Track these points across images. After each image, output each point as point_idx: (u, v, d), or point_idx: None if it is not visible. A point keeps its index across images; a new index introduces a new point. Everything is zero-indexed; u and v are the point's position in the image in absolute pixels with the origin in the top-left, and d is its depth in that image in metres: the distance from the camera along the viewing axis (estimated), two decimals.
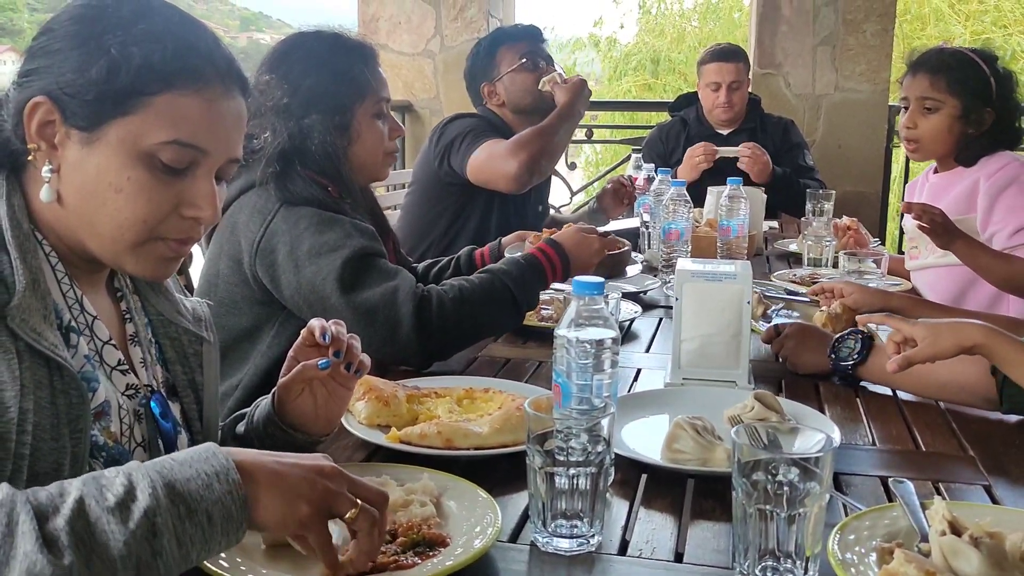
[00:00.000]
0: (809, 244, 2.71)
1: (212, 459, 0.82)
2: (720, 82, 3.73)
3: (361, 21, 4.91)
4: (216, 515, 0.79)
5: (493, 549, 0.99)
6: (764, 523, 0.92)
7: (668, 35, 13.71)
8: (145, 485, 0.77)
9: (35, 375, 0.93)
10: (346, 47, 1.82)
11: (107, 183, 0.98)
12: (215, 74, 1.01)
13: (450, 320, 1.62)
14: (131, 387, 1.09)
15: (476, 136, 2.62)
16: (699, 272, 1.59)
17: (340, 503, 0.87)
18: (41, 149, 0.99)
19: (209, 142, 1.01)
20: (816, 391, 1.58)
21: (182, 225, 1.03)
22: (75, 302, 1.04)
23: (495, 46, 2.84)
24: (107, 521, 0.74)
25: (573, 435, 0.99)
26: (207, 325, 1.22)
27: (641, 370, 1.71)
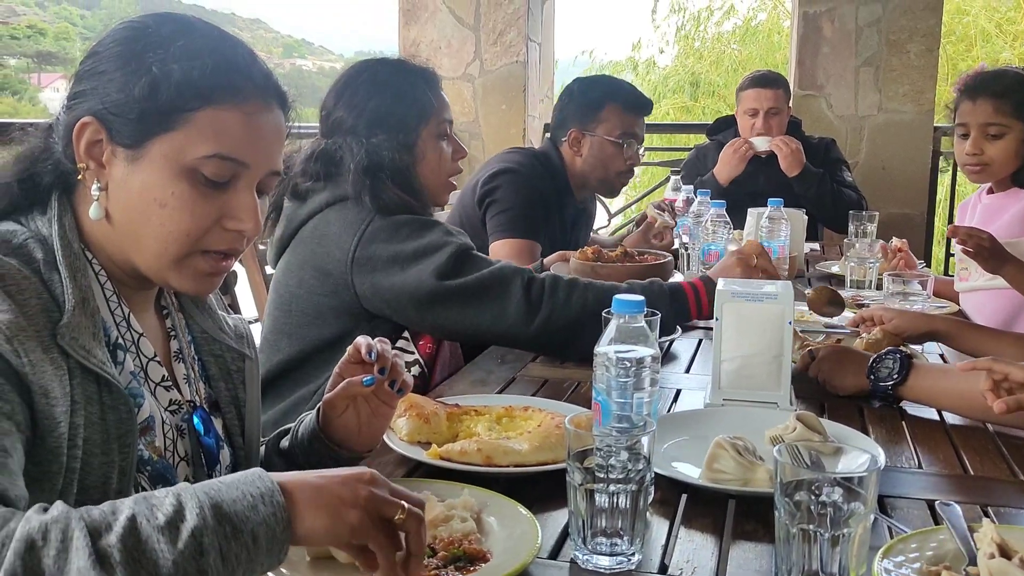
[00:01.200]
0: (852, 266, 2.68)
1: (257, 482, 0.82)
2: (758, 108, 3.71)
3: (402, 46, 4.99)
4: (261, 535, 0.80)
5: (533, 565, 0.99)
6: (807, 544, 0.91)
7: (707, 58, 13.71)
8: (193, 505, 0.78)
9: (86, 391, 0.95)
10: (408, 70, 1.90)
11: (152, 198, 1.00)
12: (253, 89, 1.04)
13: (560, 301, 1.68)
14: (174, 403, 1.11)
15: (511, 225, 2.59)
16: (740, 292, 1.58)
17: (387, 506, 0.86)
18: (90, 168, 1.02)
19: (250, 155, 1.03)
20: (859, 413, 1.56)
21: (224, 238, 1.05)
22: (123, 319, 1.07)
23: (606, 99, 2.72)
24: (157, 540, 0.75)
25: (613, 453, 0.99)
26: (249, 343, 1.24)
27: (681, 391, 1.70)
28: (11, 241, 0.98)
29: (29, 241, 0.99)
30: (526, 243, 2.58)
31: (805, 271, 3.06)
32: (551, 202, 2.71)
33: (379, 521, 0.86)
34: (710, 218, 2.45)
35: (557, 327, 1.73)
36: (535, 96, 4.98)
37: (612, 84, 2.82)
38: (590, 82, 2.82)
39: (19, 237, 0.99)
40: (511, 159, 2.75)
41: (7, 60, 43.51)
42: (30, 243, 0.99)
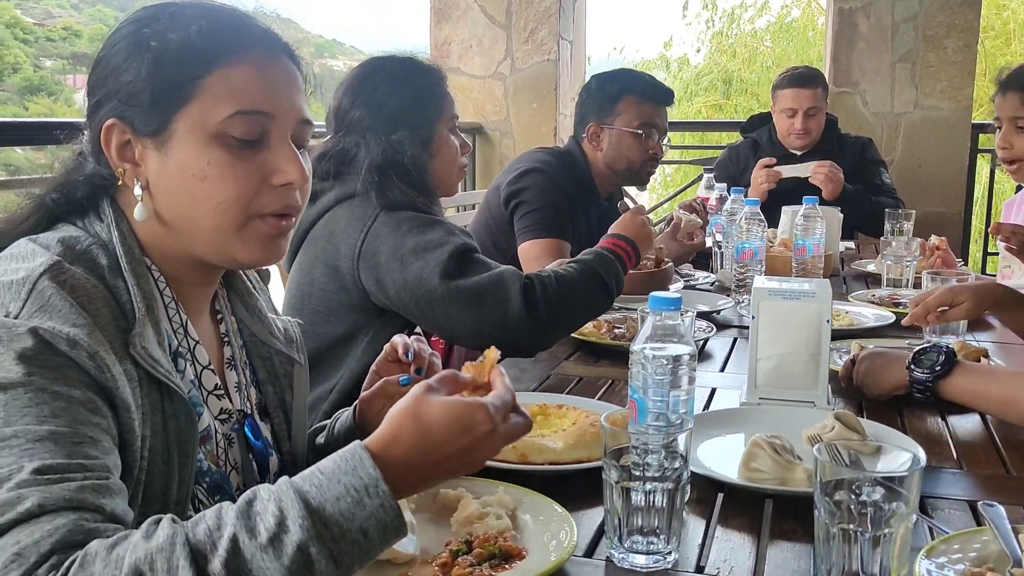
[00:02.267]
0: (888, 264, 2.64)
1: (360, 469, 0.80)
2: (796, 108, 3.65)
3: (433, 45, 5.00)
4: (371, 529, 0.79)
5: (568, 563, 0.99)
6: (848, 544, 0.90)
7: (740, 55, 13.60)
8: (295, 515, 0.76)
9: (151, 400, 0.94)
10: (423, 68, 1.92)
11: (190, 175, 0.99)
12: (254, 42, 1.02)
13: (554, 301, 1.69)
14: (224, 411, 1.10)
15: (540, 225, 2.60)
16: (776, 290, 1.56)
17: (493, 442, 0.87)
18: (127, 171, 1.01)
19: (271, 104, 1.01)
20: (898, 412, 1.54)
21: (276, 196, 1.02)
22: (180, 327, 1.05)
23: (623, 92, 2.72)
24: (262, 559, 0.75)
25: (650, 451, 0.98)
26: (298, 346, 1.22)
27: (716, 389, 1.69)
28: (75, 247, 0.97)
29: (92, 247, 0.98)
30: (555, 242, 2.58)
31: (840, 270, 3.03)
32: (576, 200, 2.71)
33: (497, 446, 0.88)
34: (744, 216, 2.42)
35: (557, 326, 1.75)
36: (566, 94, 4.96)
37: (628, 76, 2.81)
38: (607, 76, 2.82)
39: (83, 243, 0.98)
40: (536, 158, 2.75)
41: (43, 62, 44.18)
42: (93, 249, 0.98)
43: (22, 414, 0.81)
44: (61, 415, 0.83)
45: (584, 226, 2.75)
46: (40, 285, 0.89)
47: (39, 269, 0.90)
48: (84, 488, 0.79)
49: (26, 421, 0.81)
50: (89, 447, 0.83)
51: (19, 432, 0.80)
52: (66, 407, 0.84)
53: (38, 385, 0.83)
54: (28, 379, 0.83)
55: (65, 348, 0.85)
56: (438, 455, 0.83)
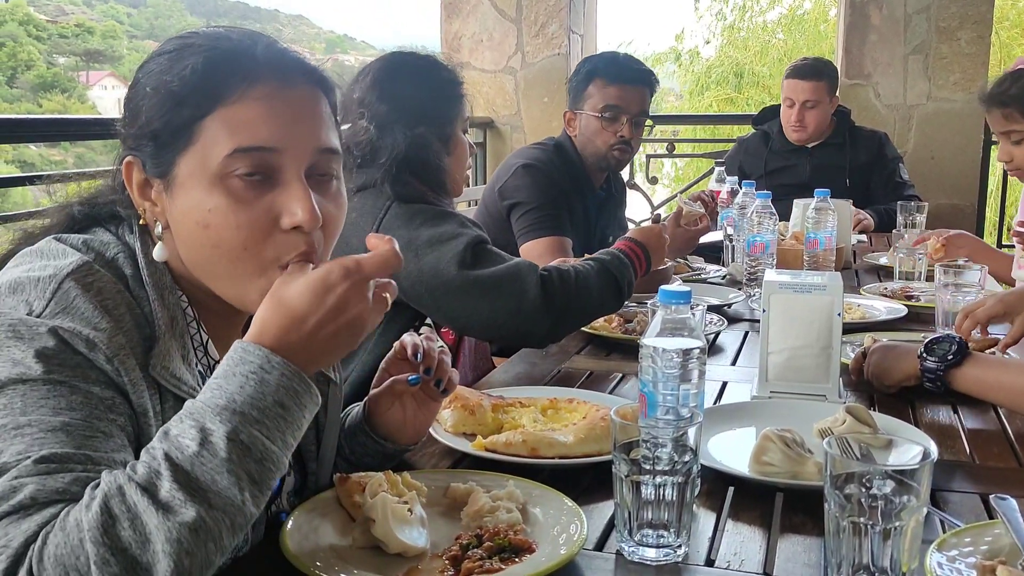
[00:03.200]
0: (901, 257, 2.63)
1: (248, 356, 0.84)
2: (794, 99, 3.64)
3: (444, 39, 5.00)
4: (285, 399, 0.83)
5: (579, 557, 0.99)
6: (858, 537, 0.90)
7: (752, 48, 13.55)
8: (211, 415, 0.80)
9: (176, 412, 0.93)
10: (444, 67, 1.93)
11: (194, 223, 0.95)
12: (259, 73, 0.95)
13: (571, 294, 1.70)
14: None
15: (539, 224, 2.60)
16: (787, 284, 1.56)
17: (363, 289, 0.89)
18: (147, 210, 0.99)
19: (275, 138, 0.94)
20: (910, 406, 1.54)
21: (288, 241, 0.95)
22: (200, 346, 1.04)
23: (591, 75, 2.72)
24: (200, 464, 0.78)
25: (659, 444, 0.98)
26: (336, 366, 1.18)
27: (727, 383, 1.69)
28: (104, 253, 0.96)
29: (120, 255, 0.97)
30: (556, 240, 2.59)
31: (852, 263, 3.02)
32: (571, 192, 2.71)
33: (367, 296, 0.89)
34: (755, 210, 2.41)
35: (569, 320, 1.76)
36: None
37: (598, 57, 2.82)
38: (583, 61, 2.83)
39: (111, 250, 0.97)
40: (528, 155, 2.76)
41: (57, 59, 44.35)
42: (120, 257, 0.97)
43: (39, 405, 0.83)
44: (78, 409, 0.84)
45: (581, 215, 2.75)
46: (66, 285, 0.89)
47: (67, 269, 0.91)
48: (79, 480, 0.80)
49: (42, 412, 0.82)
50: (100, 441, 0.84)
51: (33, 421, 0.82)
52: (83, 401, 0.85)
53: (57, 380, 0.84)
54: (47, 375, 0.84)
55: (83, 349, 0.86)
56: (310, 323, 0.86)
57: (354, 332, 0.89)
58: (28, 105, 30.21)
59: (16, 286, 0.90)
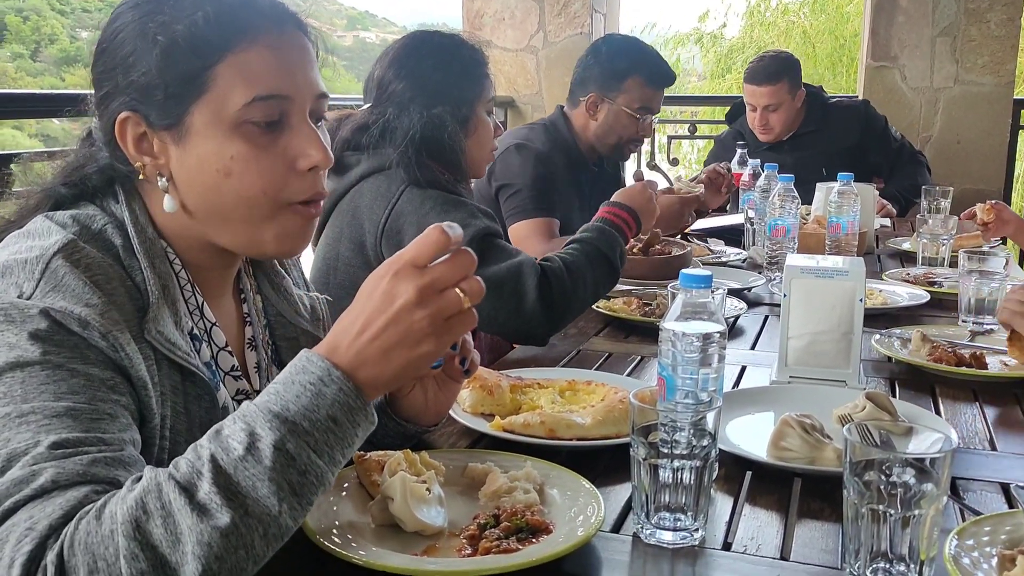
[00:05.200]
0: (924, 242, 2.61)
1: (310, 367, 0.83)
2: (755, 104, 3.58)
3: (466, 17, 4.97)
4: (339, 414, 0.82)
5: (596, 539, 0.99)
6: (877, 524, 0.89)
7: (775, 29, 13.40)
8: (262, 421, 0.79)
9: (171, 381, 0.95)
10: (468, 47, 1.91)
11: (214, 171, 0.97)
12: (264, 19, 0.98)
13: (568, 289, 1.70)
14: (241, 392, 1.10)
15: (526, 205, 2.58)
16: (809, 268, 1.55)
17: (447, 311, 0.85)
18: (147, 164, 0.99)
19: (287, 86, 0.98)
20: (932, 392, 1.53)
21: (304, 183, 1.00)
22: (196, 308, 1.05)
23: (630, 71, 2.71)
24: (244, 468, 0.77)
25: (678, 428, 0.98)
26: (325, 324, 1.21)
27: (746, 367, 1.68)
28: (91, 227, 0.97)
29: (108, 227, 0.98)
30: (543, 221, 2.58)
31: (875, 248, 2.99)
32: (562, 171, 2.69)
33: (448, 325, 0.86)
34: (777, 193, 2.39)
35: (568, 314, 1.76)
36: None
37: (639, 54, 2.79)
38: (618, 47, 2.79)
39: (98, 222, 0.98)
40: (518, 134, 2.75)
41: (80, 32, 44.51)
42: (108, 228, 0.97)
43: (40, 391, 0.82)
44: (80, 392, 0.84)
45: (575, 193, 2.74)
46: (54, 264, 0.89)
47: (53, 248, 0.91)
48: (97, 461, 0.80)
49: (44, 398, 0.82)
50: (107, 423, 0.84)
51: (37, 408, 0.81)
52: (85, 384, 0.85)
53: (55, 363, 0.84)
54: (44, 358, 0.84)
55: (77, 328, 0.86)
56: (360, 322, 0.85)
57: (411, 328, 0.84)
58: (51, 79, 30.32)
59: (4, 269, 0.90)
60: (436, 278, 0.85)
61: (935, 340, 1.69)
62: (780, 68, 3.56)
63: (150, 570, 0.74)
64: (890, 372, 1.64)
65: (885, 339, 1.74)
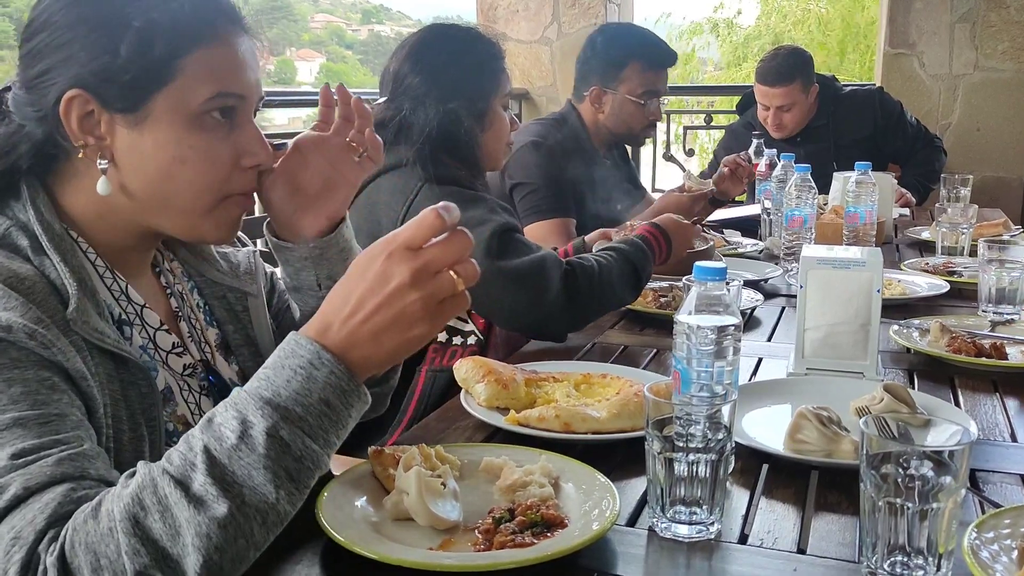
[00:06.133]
0: (943, 232, 2.58)
1: (299, 349, 0.83)
2: (768, 104, 3.55)
3: (480, 10, 4.96)
4: (331, 397, 0.82)
5: (611, 532, 0.99)
6: (894, 517, 0.89)
7: (791, 17, 13.29)
8: (254, 408, 0.79)
9: (105, 369, 0.95)
10: (485, 40, 1.91)
11: (169, 157, 0.98)
12: (227, 20, 1.03)
13: (593, 290, 1.70)
14: (188, 367, 1.10)
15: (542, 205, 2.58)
16: (825, 259, 1.54)
17: (441, 293, 0.84)
18: (89, 144, 0.98)
19: (243, 86, 1.03)
20: (950, 383, 1.51)
21: (244, 178, 1.05)
22: (121, 294, 1.05)
23: (628, 58, 2.71)
24: (238, 457, 0.78)
25: (693, 421, 0.98)
26: (253, 277, 1.21)
27: (762, 359, 1.67)
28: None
29: (11, 230, 0.96)
30: (559, 222, 2.58)
31: (894, 237, 2.97)
32: (576, 167, 2.68)
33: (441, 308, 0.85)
34: (794, 183, 2.38)
35: (589, 314, 1.76)
36: None
37: (634, 39, 2.77)
38: (612, 36, 2.78)
39: (0, 227, 0.96)
40: (532, 131, 2.73)
41: None
42: (12, 231, 0.96)
43: None
44: (22, 400, 0.83)
45: (587, 187, 2.73)
46: None
47: None
48: (62, 460, 0.80)
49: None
50: (57, 423, 0.84)
51: None
52: (24, 391, 0.84)
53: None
54: None
55: (1, 334, 0.85)
56: (352, 300, 0.84)
57: (404, 311, 0.83)
58: None
59: None
60: (430, 260, 0.84)
61: (954, 330, 1.68)
62: (793, 68, 3.50)
63: (153, 564, 0.74)
64: (909, 363, 1.63)
65: (903, 330, 1.73)
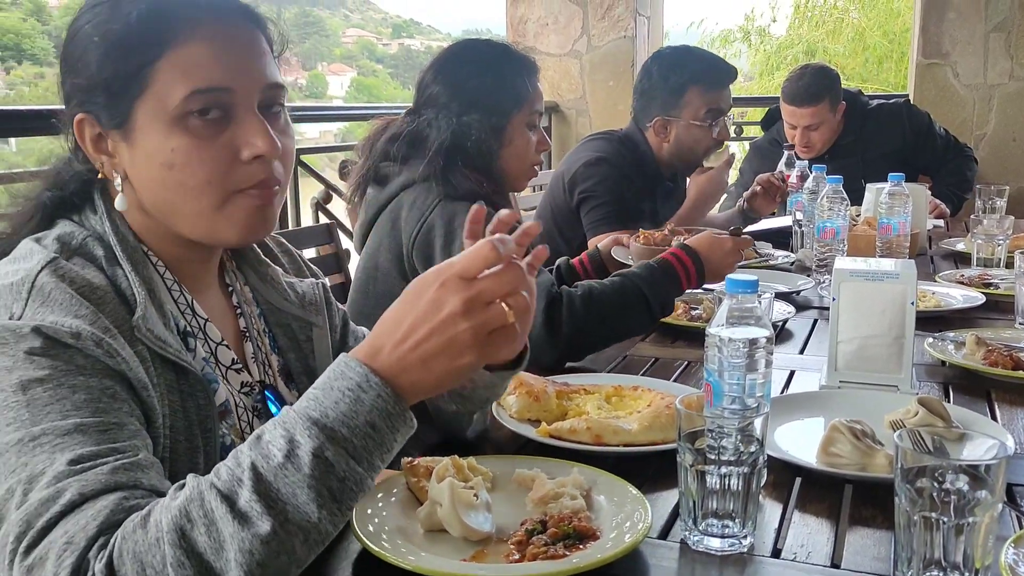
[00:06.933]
0: (979, 243, 2.55)
1: (348, 371, 0.84)
2: (796, 124, 3.50)
3: (510, 24, 4.99)
4: (377, 421, 0.82)
5: (643, 545, 0.99)
6: (929, 532, 0.88)
7: (824, 26, 13.20)
8: (302, 428, 0.81)
9: (166, 379, 0.97)
10: (512, 57, 1.91)
11: (158, 164, 0.98)
12: (202, 13, 0.99)
13: (579, 320, 1.65)
14: (246, 384, 1.12)
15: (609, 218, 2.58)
16: (858, 271, 1.53)
17: (491, 324, 0.85)
18: (104, 164, 1.02)
19: (228, 78, 0.98)
20: (987, 396, 1.50)
21: (249, 171, 1.00)
22: (187, 307, 1.07)
23: (688, 83, 2.66)
24: (284, 476, 0.79)
25: (725, 434, 0.98)
26: (318, 308, 1.22)
27: (795, 372, 1.67)
28: (70, 243, 0.99)
29: (88, 240, 1.00)
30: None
31: (928, 249, 2.94)
32: (641, 186, 2.68)
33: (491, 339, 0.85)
34: (826, 194, 2.36)
35: (579, 344, 1.70)
36: None
37: (692, 63, 2.71)
38: (668, 63, 2.71)
39: (77, 237, 1.00)
40: (599, 147, 2.72)
41: None
42: (89, 242, 1.00)
43: (46, 412, 0.84)
44: (84, 407, 0.86)
45: (649, 208, 2.73)
46: (39, 282, 0.91)
47: (36, 268, 0.93)
48: (117, 469, 0.82)
49: (52, 418, 0.84)
50: (116, 432, 0.86)
51: (47, 429, 0.83)
52: (87, 398, 0.86)
53: (56, 381, 0.86)
54: (45, 376, 0.85)
55: (70, 341, 0.87)
56: (404, 326, 0.85)
57: (454, 339, 0.84)
58: None
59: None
60: (483, 290, 0.85)
61: (990, 343, 1.66)
62: (820, 87, 3.44)
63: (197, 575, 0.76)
64: (944, 376, 1.61)
65: (938, 342, 1.71)
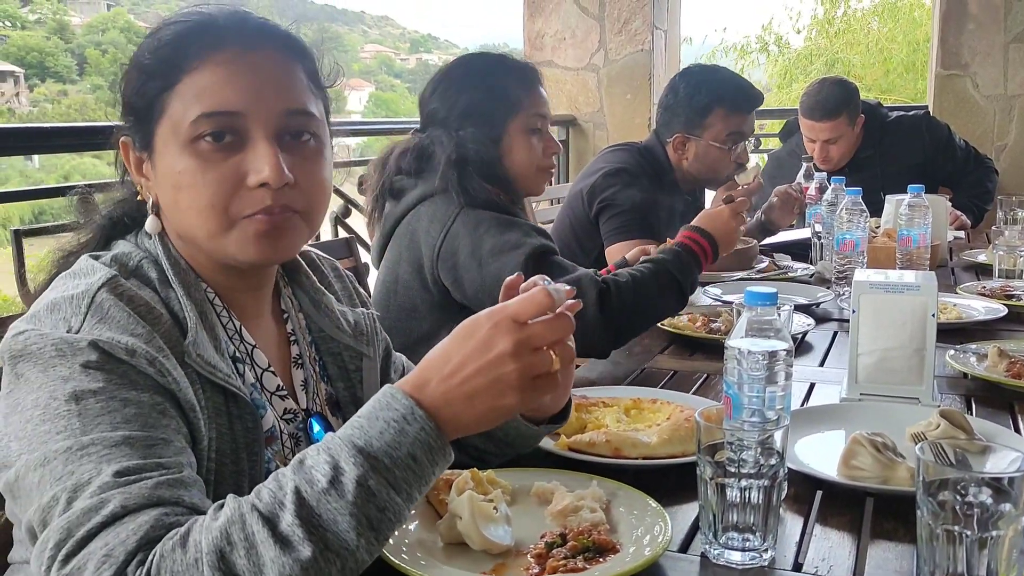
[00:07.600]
0: (1000, 255, 2.54)
1: (394, 403, 0.85)
2: (814, 138, 3.48)
3: (527, 38, 5.01)
4: (419, 453, 0.83)
5: (663, 558, 0.99)
6: (952, 546, 0.87)
7: (843, 37, 13.16)
8: (347, 455, 0.81)
9: (214, 403, 0.98)
10: (504, 66, 1.92)
11: (169, 186, 1.01)
12: (222, 40, 1.00)
13: (628, 306, 1.69)
14: (289, 411, 1.12)
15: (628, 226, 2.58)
16: (878, 283, 1.52)
17: (537, 369, 0.86)
18: (143, 186, 1.05)
19: (239, 102, 0.98)
20: (1010, 409, 1.48)
21: (252, 197, 0.99)
22: (235, 333, 1.09)
23: (713, 104, 2.64)
24: (327, 502, 0.79)
25: (745, 447, 0.97)
26: (368, 339, 1.22)
27: (815, 384, 1.66)
28: (127, 264, 1.01)
29: (144, 262, 1.02)
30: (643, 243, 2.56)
31: (949, 261, 2.92)
32: (660, 197, 2.68)
33: (535, 383, 0.87)
34: (845, 206, 2.36)
35: (629, 329, 1.75)
36: (661, 85, 4.90)
37: (719, 84, 2.70)
38: (696, 83, 2.70)
39: (134, 259, 1.02)
40: (620, 159, 2.72)
41: None
42: (144, 264, 1.02)
43: (96, 423, 0.86)
44: (133, 420, 0.87)
45: (667, 220, 2.73)
46: (99, 298, 0.94)
47: (97, 284, 0.95)
48: (160, 484, 0.83)
49: (101, 429, 0.85)
50: (162, 448, 0.87)
51: (96, 440, 0.85)
52: (137, 412, 0.88)
53: (108, 393, 0.87)
54: (98, 388, 0.87)
55: (124, 357, 0.90)
56: (452, 362, 0.86)
57: (500, 379, 0.86)
58: None
59: (53, 306, 0.94)
60: (533, 335, 0.87)
61: (1013, 355, 1.64)
62: (839, 101, 3.43)
63: None
64: (966, 389, 1.60)
65: (960, 355, 1.70)
